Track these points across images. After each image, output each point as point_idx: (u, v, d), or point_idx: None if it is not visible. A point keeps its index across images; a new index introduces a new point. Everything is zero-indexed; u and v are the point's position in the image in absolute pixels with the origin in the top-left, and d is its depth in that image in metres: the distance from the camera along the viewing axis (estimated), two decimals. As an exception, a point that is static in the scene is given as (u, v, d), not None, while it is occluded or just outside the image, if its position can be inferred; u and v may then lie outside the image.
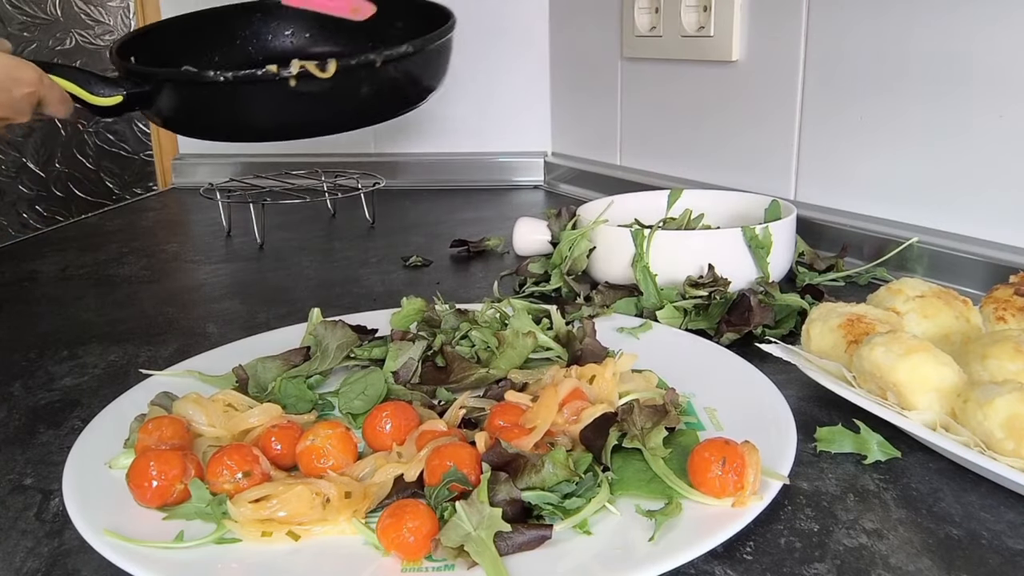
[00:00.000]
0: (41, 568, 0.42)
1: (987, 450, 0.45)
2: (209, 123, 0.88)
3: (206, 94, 0.83)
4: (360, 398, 0.57)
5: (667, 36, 1.14)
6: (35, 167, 1.58)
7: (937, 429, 0.48)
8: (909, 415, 0.48)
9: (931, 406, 0.49)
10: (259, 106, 0.84)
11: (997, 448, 0.45)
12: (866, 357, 0.50)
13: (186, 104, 0.86)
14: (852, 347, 0.55)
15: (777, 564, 0.41)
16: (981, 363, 0.50)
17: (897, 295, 0.60)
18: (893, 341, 0.50)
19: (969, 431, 0.46)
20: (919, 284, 0.61)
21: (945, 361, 0.49)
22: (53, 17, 1.54)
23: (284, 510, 0.43)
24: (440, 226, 1.16)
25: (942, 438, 0.47)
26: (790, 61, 0.98)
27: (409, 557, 0.40)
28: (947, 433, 0.47)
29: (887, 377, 0.49)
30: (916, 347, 0.50)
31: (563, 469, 0.44)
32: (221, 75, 0.79)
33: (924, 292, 0.60)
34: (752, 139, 1.05)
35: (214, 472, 0.46)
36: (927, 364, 0.49)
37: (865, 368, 0.51)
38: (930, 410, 0.48)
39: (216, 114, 0.87)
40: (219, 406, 0.53)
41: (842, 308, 0.58)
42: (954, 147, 0.83)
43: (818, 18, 0.95)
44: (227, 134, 0.92)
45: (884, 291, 0.62)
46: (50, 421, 0.59)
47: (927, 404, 0.49)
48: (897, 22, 0.86)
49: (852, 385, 0.53)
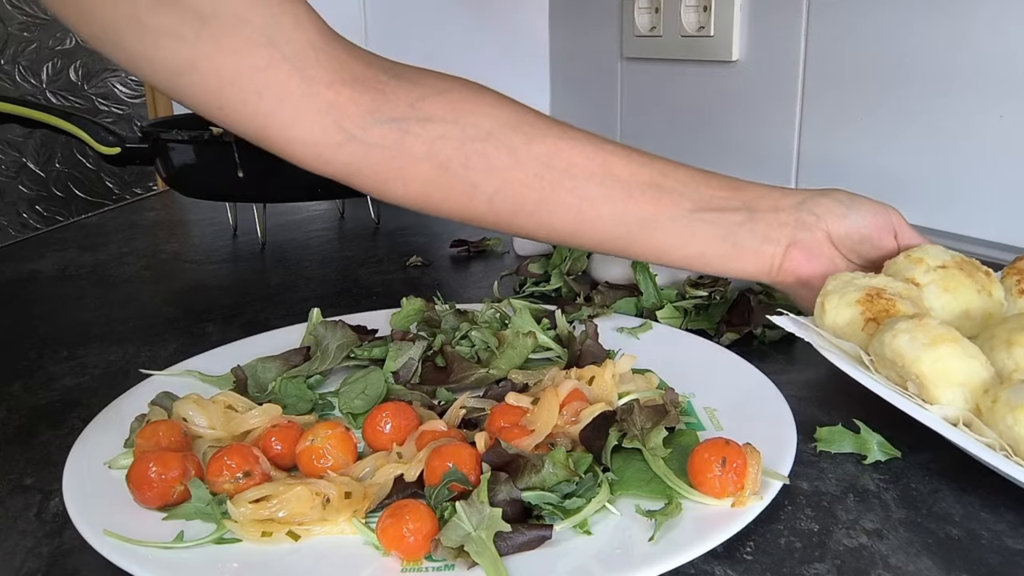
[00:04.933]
0: (41, 568, 0.42)
1: (1013, 455, 0.42)
2: (203, 182, 0.96)
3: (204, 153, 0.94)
4: (360, 398, 0.57)
5: (667, 36, 1.14)
6: (35, 167, 1.58)
7: (959, 426, 0.45)
8: (931, 409, 0.46)
9: (955, 401, 0.46)
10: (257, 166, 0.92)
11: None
12: (888, 344, 0.47)
13: (179, 164, 0.97)
14: (870, 325, 0.51)
15: (777, 564, 0.41)
16: (1007, 350, 0.47)
17: (918, 264, 0.56)
18: (918, 329, 0.47)
19: (996, 433, 0.43)
20: (941, 253, 0.57)
21: (973, 353, 0.46)
22: (53, 17, 1.54)
23: (284, 510, 0.43)
24: (441, 226, 1.16)
25: (965, 438, 0.44)
26: (790, 61, 0.98)
27: (409, 557, 0.40)
28: (970, 432, 0.44)
29: (910, 368, 0.46)
30: (943, 337, 0.46)
31: (563, 469, 0.44)
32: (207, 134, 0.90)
33: (946, 262, 0.56)
34: (752, 139, 1.05)
35: (214, 472, 0.46)
36: (954, 357, 0.46)
37: (886, 355, 0.48)
38: (954, 405, 0.45)
39: (209, 174, 0.97)
40: (219, 407, 0.53)
41: (860, 280, 0.54)
42: (954, 147, 0.83)
43: (818, 18, 0.95)
44: (225, 194, 1.02)
45: (903, 259, 0.58)
46: (50, 421, 0.59)
47: (951, 399, 0.46)
48: (897, 22, 0.86)
49: (869, 370, 0.49)
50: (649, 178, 0.58)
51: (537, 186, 0.56)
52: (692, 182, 0.59)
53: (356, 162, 0.53)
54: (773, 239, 0.60)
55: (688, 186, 0.59)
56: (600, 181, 0.57)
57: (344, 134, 0.52)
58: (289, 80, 0.50)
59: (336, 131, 0.51)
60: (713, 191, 0.60)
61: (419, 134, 0.53)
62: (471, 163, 0.54)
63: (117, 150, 0.97)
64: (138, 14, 0.46)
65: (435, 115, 0.54)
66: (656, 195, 0.58)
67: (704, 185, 0.60)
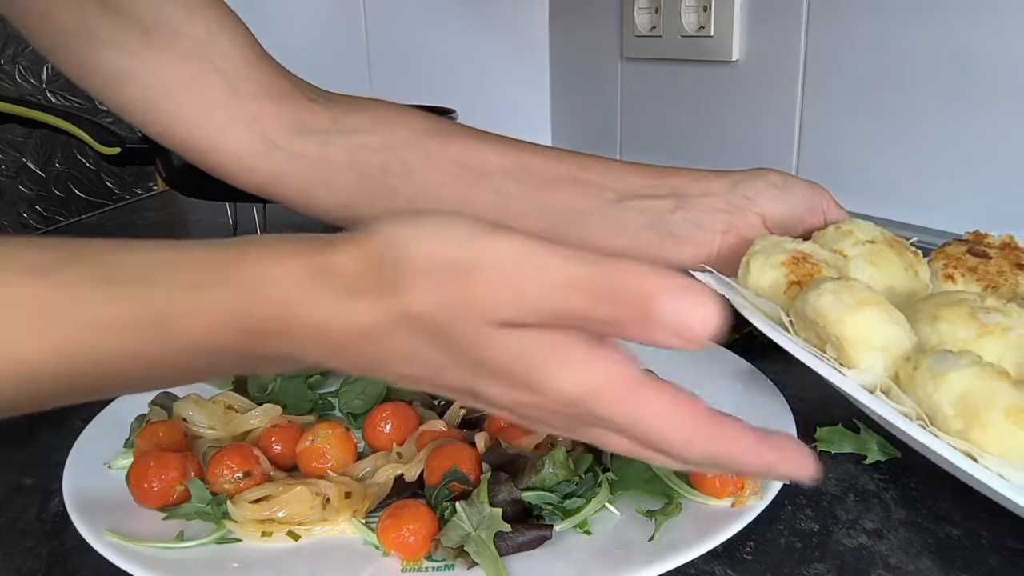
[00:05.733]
0: (41, 568, 0.42)
1: (929, 425, 0.40)
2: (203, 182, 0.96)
3: None
4: (360, 398, 0.57)
5: (667, 36, 1.14)
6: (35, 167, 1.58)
7: (877, 393, 0.43)
8: (848, 373, 0.43)
9: (874, 367, 0.43)
10: None
11: (942, 426, 0.40)
12: (812, 303, 0.45)
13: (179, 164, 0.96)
14: (793, 288, 0.50)
15: (777, 564, 0.41)
16: (931, 325, 0.46)
17: (847, 237, 0.55)
18: (844, 290, 0.45)
19: (914, 401, 0.41)
20: (871, 228, 0.56)
21: (898, 320, 0.45)
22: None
23: (284, 510, 0.43)
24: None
25: (882, 405, 0.42)
26: (790, 61, 0.98)
27: (409, 557, 0.40)
28: (886, 399, 0.42)
29: (832, 328, 0.44)
30: (869, 300, 0.44)
31: (563, 469, 0.44)
32: None
33: (875, 237, 0.55)
34: (752, 139, 1.05)
35: (214, 472, 0.46)
36: (878, 320, 0.44)
37: (807, 314, 0.45)
38: (872, 371, 0.43)
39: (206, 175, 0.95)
40: (219, 407, 0.53)
41: (788, 244, 0.53)
42: (955, 147, 0.83)
43: (818, 18, 0.95)
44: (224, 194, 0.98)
45: (833, 230, 0.56)
46: (50, 421, 0.59)
47: (870, 364, 0.43)
48: (897, 22, 0.86)
49: (788, 331, 0.47)
50: (567, 172, 0.58)
51: (453, 185, 0.57)
52: (613, 172, 0.59)
53: (280, 171, 0.55)
54: (707, 226, 0.59)
55: (609, 176, 0.59)
56: (516, 176, 0.58)
57: (268, 144, 0.54)
58: (219, 92, 0.53)
59: (260, 141, 0.54)
60: (638, 179, 0.59)
61: (340, 144, 0.55)
62: (390, 168, 0.56)
63: (117, 150, 0.96)
64: (88, 23, 0.50)
65: (355, 127, 0.56)
66: (577, 188, 0.58)
67: (628, 174, 0.59)
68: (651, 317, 0.27)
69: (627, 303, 0.27)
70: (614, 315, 0.28)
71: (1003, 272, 0.55)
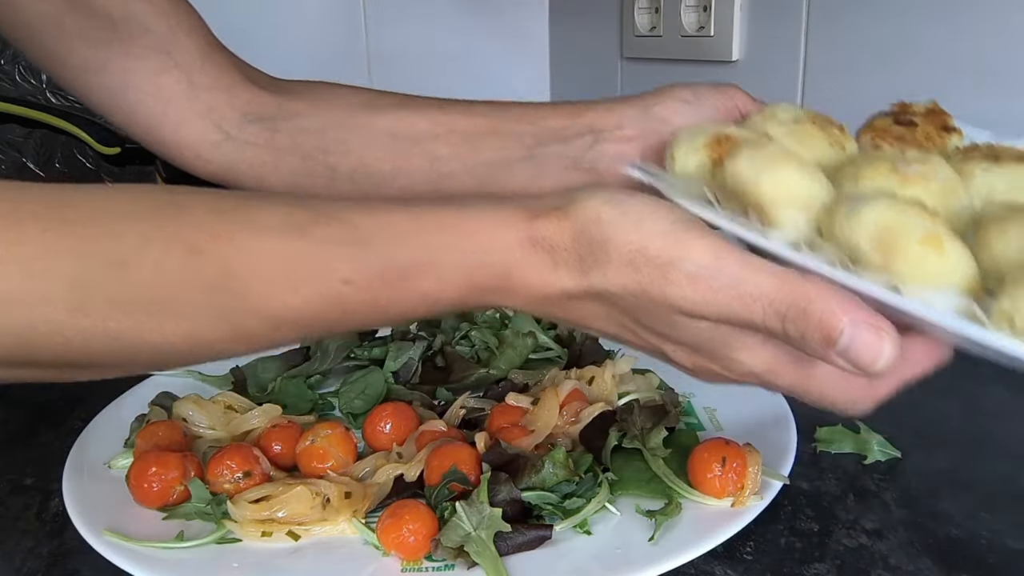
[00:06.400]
0: (41, 568, 0.42)
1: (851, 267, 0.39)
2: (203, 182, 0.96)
3: None
4: (360, 398, 0.57)
5: (667, 36, 1.14)
6: (35, 167, 1.58)
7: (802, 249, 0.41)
8: (773, 235, 0.42)
9: (796, 224, 0.43)
10: None
11: (864, 264, 0.39)
12: (729, 171, 0.44)
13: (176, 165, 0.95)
14: (717, 169, 0.49)
15: (777, 564, 0.41)
16: (854, 184, 0.44)
17: (770, 119, 0.53)
18: (758, 152, 0.44)
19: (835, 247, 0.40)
20: (792, 108, 0.54)
21: (816, 176, 0.44)
22: None
23: (284, 510, 0.43)
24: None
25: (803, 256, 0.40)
26: (790, 61, 0.98)
27: (409, 557, 0.40)
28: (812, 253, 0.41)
29: (750, 192, 0.43)
30: (783, 158, 0.44)
31: (563, 469, 0.44)
32: None
33: (799, 117, 0.53)
34: (752, 139, 1.05)
35: (214, 472, 0.46)
36: (794, 177, 0.43)
37: (728, 185, 0.45)
38: (794, 228, 0.43)
39: None
40: (219, 407, 0.53)
41: (710, 128, 0.52)
42: (954, 147, 0.83)
43: (818, 18, 0.95)
44: None
45: (756, 115, 0.55)
46: (50, 421, 0.59)
47: (792, 221, 0.43)
48: (898, 22, 0.86)
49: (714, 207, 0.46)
50: (488, 126, 0.59)
51: (389, 158, 0.59)
52: (530, 117, 0.60)
53: (234, 160, 0.58)
54: (626, 155, 0.58)
55: (525, 122, 0.59)
56: (446, 139, 0.59)
57: (221, 134, 0.57)
58: (177, 85, 0.55)
59: (214, 131, 0.57)
60: (555, 121, 0.59)
61: (284, 130, 0.58)
62: (329, 148, 0.58)
63: (117, 150, 0.97)
64: (60, 16, 0.52)
65: (297, 111, 0.58)
66: (498, 140, 0.59)
67: (545, 117, 0.60)
68: (833, 345, 0.32)
69: (812, 328, 0.33)
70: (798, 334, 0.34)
71: (930, 137, 0.54)
